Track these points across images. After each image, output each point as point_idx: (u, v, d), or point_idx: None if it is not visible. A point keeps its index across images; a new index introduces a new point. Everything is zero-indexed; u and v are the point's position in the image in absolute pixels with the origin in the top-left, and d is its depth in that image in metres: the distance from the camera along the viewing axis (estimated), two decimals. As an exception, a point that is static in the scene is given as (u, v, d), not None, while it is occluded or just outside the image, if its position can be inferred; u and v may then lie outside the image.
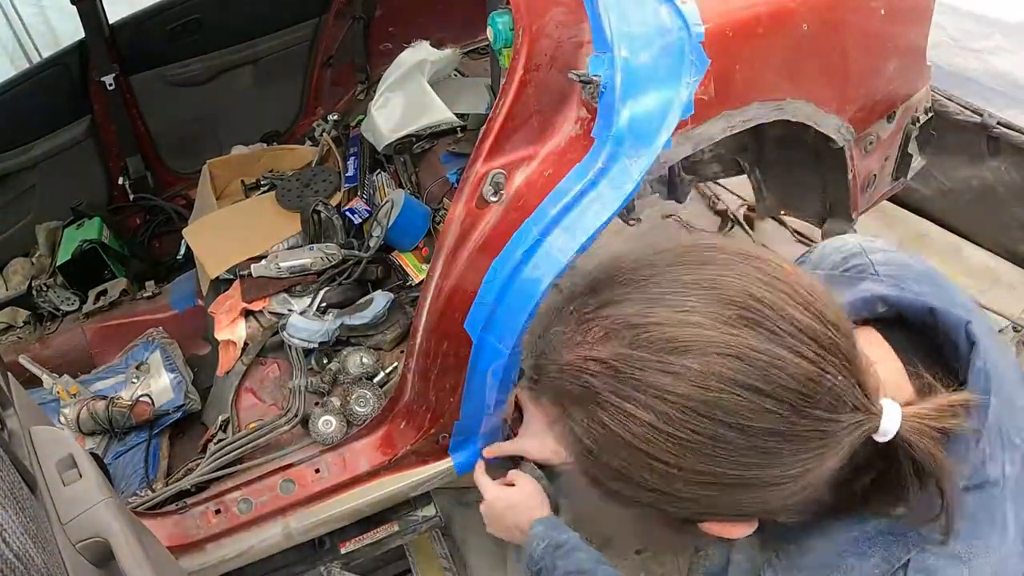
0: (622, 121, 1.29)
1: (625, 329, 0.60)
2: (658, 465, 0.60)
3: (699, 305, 0.59)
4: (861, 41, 1.61)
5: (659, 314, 0.60)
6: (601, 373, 0.60)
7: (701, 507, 0.63)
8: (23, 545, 0.65)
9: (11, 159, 2.35)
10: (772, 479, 0.60)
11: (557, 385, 0.65)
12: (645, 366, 0.58)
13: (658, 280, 0.62)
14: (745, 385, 0.57)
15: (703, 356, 0.57)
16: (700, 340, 0.58)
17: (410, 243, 1.94)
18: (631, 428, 0.59)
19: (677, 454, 0.59)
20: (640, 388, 0.58)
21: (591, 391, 0.61)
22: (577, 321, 0.64)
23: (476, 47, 2.51)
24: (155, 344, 2.09)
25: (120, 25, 2.38)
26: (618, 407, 0.59)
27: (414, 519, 1.72)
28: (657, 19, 1.33)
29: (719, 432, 0.57)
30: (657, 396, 0.58)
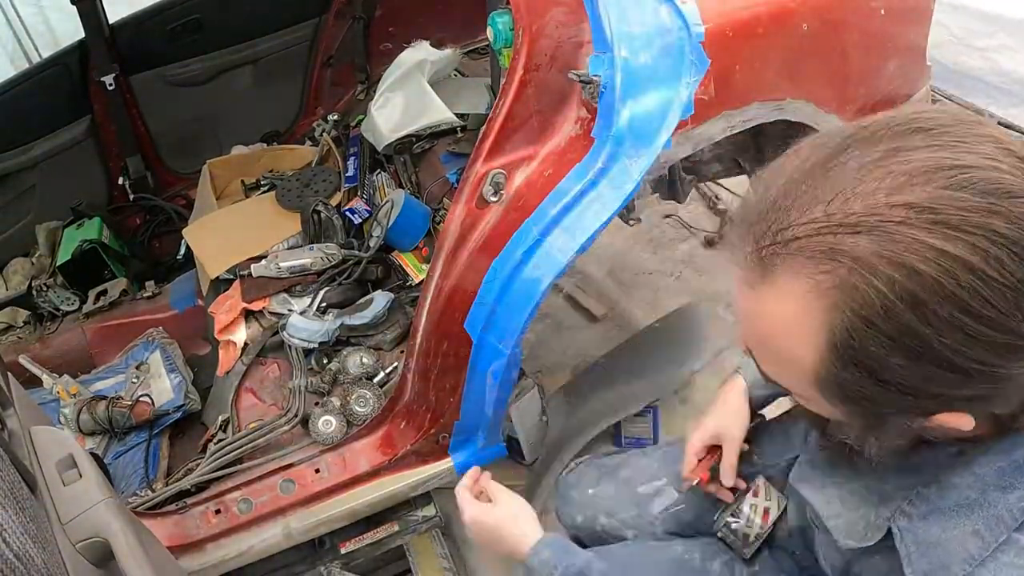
0: (622, 121, 1.29)
1: (937, 171, 0.55)
2: (970, 322, 0.54)
3: (1002, 158, 0.56)
4: (861, 41, 1.61)
5: (969, 160, 0.55)
6: (912, 219, 0.54)
7: (971, 386, 0.58)
8: (23, 545, 0.65)
9: (11, 159, 2.34)
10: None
11: (833, 243, 0.56)
12: (971, 207, 0.53)
13: (949, 133, 0.57)
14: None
15: (1020, 199, 0.53)
16: (1016, 186, 0.54)
17: (410, 243, 1.94)
18: (957, 275, 0.53)
19: (997, 306, 0.53)
20: (965, 228, 0.53)
21: (900, 238, 0.54)
22: (857, 171, 0.57)
23: (476, 47, 2.51)
24: (155, 344, 2.09)
25: (120, 25, 2.38)
26: (941, 251, 0.53)
27: (414, 519, 1.72)
28: (657, 19, 1.33)
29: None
30: (984, 237, 0.53)
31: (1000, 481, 0.67)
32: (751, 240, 0.62)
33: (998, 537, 0.65)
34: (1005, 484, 0.66)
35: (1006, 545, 0.65)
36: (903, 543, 0.72)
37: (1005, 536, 0.65)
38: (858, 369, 0.59)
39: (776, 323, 0.62)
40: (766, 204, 0.61)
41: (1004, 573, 0.65)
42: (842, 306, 0.57)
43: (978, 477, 0.68)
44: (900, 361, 0.57)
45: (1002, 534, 0.65)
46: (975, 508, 0.67)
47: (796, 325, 0.60)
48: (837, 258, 0.56)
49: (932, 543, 0.69)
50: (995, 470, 0.67)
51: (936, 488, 0.71)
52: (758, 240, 0.61)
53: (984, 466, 0.68)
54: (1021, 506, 0.65)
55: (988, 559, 0.65)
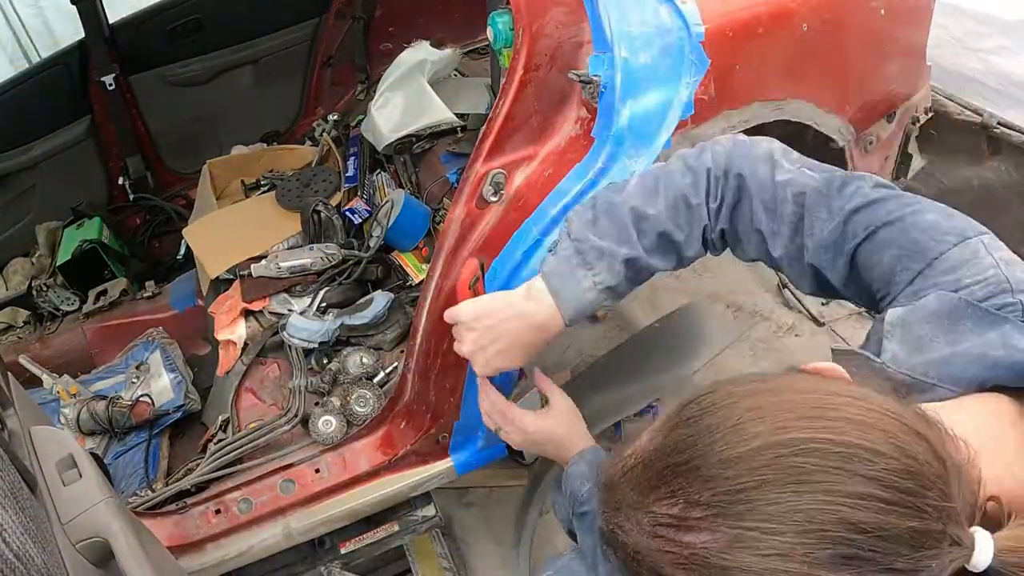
0: (622, 121, 1.29)
1: (711, 568, 0.56)
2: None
3: (789, 550, 0.54)
4: (861, 41, 1.61)
5: (744, 559, 0.55)
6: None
7: None
8: (23, 545, 0.65)
9: (11, 159, 2.35)
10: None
11: (629, 565, 0.62)
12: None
13: (744, 504, 0.56)
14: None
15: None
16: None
17: (410, 243, 1.94)
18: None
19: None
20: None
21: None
22: (652, 526, 0.59)
23: (476, 47, 2.51)
24: (155, 344, 2.09)
25: (120, 25, 2.38)
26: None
27: (414, 519, 1.72)
28: (657, 19, 1.33)
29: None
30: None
31: None
32: (600, 516, 0.66)
33: None
34: None
35: None
36: None
37: None
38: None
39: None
40: (610, 482, 0.66)
41: None
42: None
43: None
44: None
45: None
46: None
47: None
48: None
49: None
50: None
51: None
52: (601, 522, 0.66)
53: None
54: None
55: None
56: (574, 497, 1.15)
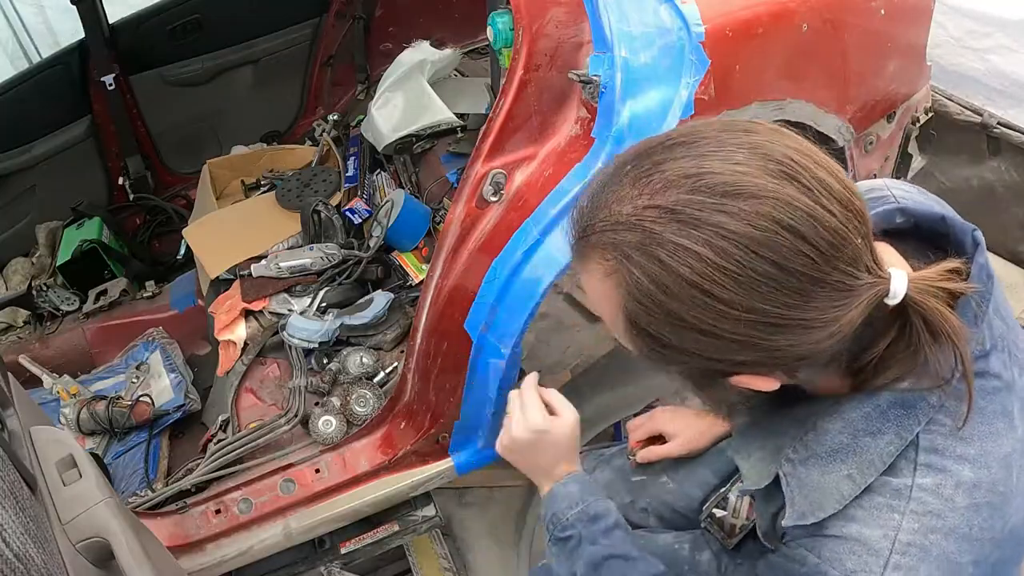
0: (622, 121, 1.29)
1: (683, 179, 0.67)
2: (710, 302, 0.65)
3: (746, 160, 0.66)
4: (861, 41, 1.61)
5: (713, 166, 0.66)
6: (661, 218, 0.66)
7: (741, 353, 0.69)
8: (23, 545, 0.65)
9: (11, 159, 2.34)
10: (806, 322, 0.66)
11: (612, 238, 0.69)
12: (704, 207, 0.65)
13: (708, 142, 0.69)
14: (789, 228, 0.63)
15: (754, 199, 0.64)
16: (751, 186, 0.64)
17: (410, 243, 1.94)
18: (691, 264, 0.65)
19: (731, 288, 0.64)
20: (699, 227, 0.64)
21: (651, 234, 0.66)
22: (632, 180, 0.70)
23: (476, 47, 2.51)
24: (155, 344, 2.09)
25: (120, 25, 2.38)
26: (678, 244, 0.65)
27: (414, 519, 1.72)
28: (657, 19, 1.33)
29: (766, 269, 0.64)
30: (715, 233, 0.64)
31: (868, 426, 0.74)
32: (572, 234, 0.76)
33: (868, 479, 0.74)
34: (873, 429, 0.74)
35: (881, 488, 0.73)
36: (788, 486, 0.79)
37: (874, 478, 0.73)
38: (646, 337, 0.72)
39: (594, 297, 0.75)
40: (583, 206, 0.75)
41: (875, 515, 0.73)
42: (620, 287, 0.70)
43: (847, 422, 0.75)
44: (668, 330, 0.69)
45: (872, 476, 0.73)
46: (848, 453, 0.75)
47: (603, 300, 0.74)
48: (613, 249, 0.70)
49: (812, 486, 0.77)
50: (862, 415, 0.75)
51: (814, 434, 0.78)
52: (575, 234, 0.76)
53: (852, 411, 0.75)
54: (890, 450, 0.73)
55: (861, 500, 0.74)
56: (556, 520, 1.10)
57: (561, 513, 1.10)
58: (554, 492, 1.12)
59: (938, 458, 0.72)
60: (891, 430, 0.73)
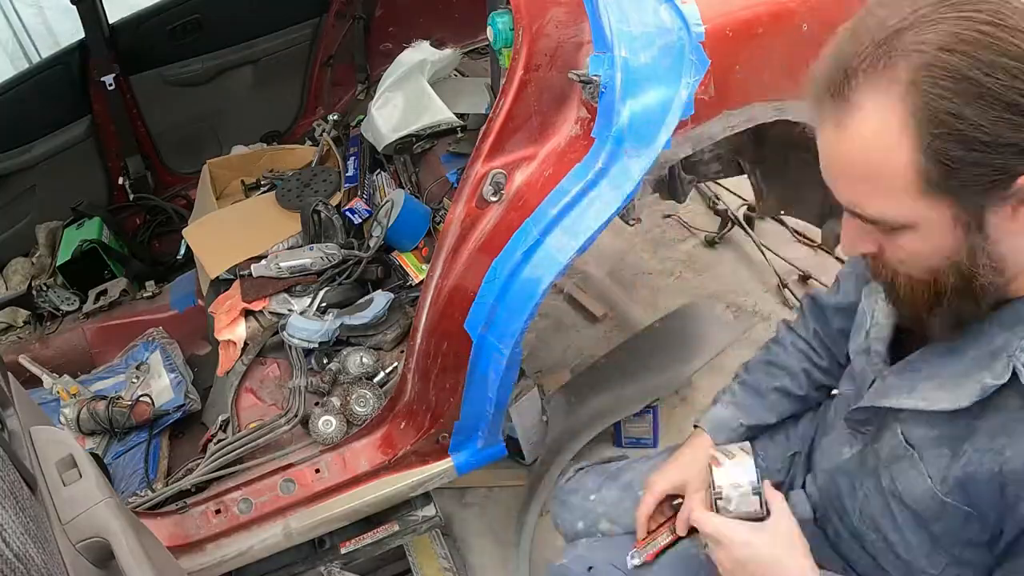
0: (622, 121, 1.29)
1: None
2: (1013, 64, 0.65)
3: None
4: (861, 41, 1.61)
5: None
6: (939, 9, 0.68)
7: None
8: (23, 545, 0.65)
9: (11, 159, 2.35)
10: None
11: (891, 48, 0.69)
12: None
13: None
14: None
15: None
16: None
17: (410, 243, 1.94)
18: (987, 32, 0.65)
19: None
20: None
21: (939, 25, 0.67)
22: (882, 4, 0.72)
23: (476, 47, 2.51)
24: (155, 344, 2.09)
25: (120, 25, 2.38)
26: (966, 17, 0.66)
27: (414, 519, 1.72)
28: (657, 19, 1.33)
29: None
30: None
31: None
32: (827, 90, 0.75)
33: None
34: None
35: None
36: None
37: None
38: (947, 139, 0.67)
39: (867, 145, 0.71)
40: (829, 58, 0.75)
41: None
42: (919, 83, 0.67)
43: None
44: (978, 114, 0.66)
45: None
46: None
47: (884, 134, 0.70)
48: (901, 55, 0.68)
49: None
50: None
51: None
52: (831, 86, 0.74)
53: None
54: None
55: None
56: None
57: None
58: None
59: None
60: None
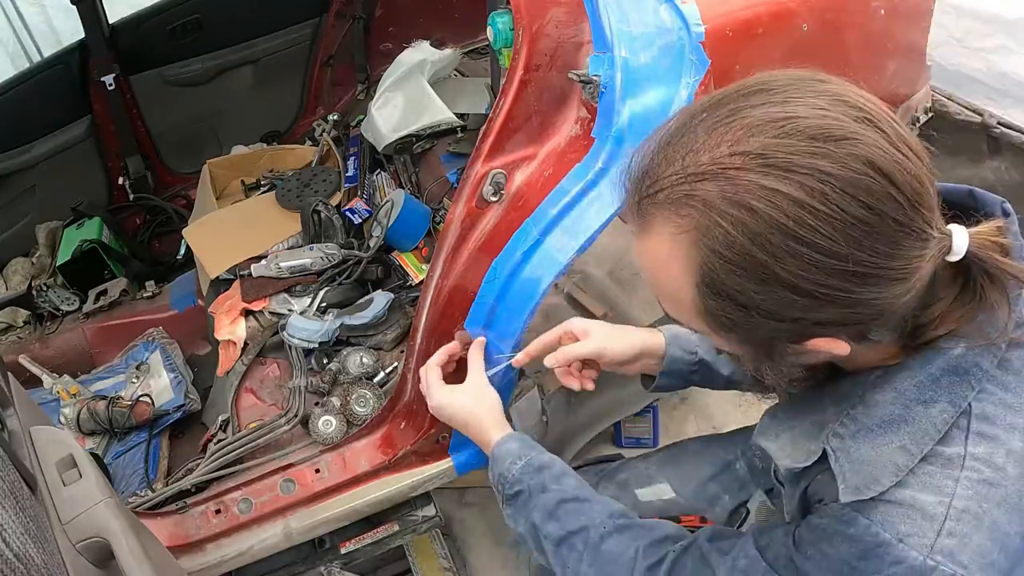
0: (622, 121, 1.29)
1: (768, 124, 0.65)
2: (804, 250, 0.63)
3: (830, 107, 0.65)
4: (861, 41, 1.61)
5: (798, 111, 0.65)
6: (747, 165, 0.64)
7: (824, 310, 0.66)
8: (23, 545, 0.65)
9: (11, 159, 2.35)
10: (892, 271, 0.65)
11: (688, 191, 0.66)
12: (794, 151, 0.63)
13: (785, 91, 0.68)
14: (880, 170, 0.62)
15: (846, 141, 0.63)
16: (840, 129, 0.63)
17: (410, 243, 1.94)
18: (785, 209, 0.62)
19: (826, 234, 0.62)
20: (792, 170, 0.62)
21: (737, 182, 0.64)
22: (707, 129, 0.67)
23: (476, 47, 2.51)
24: (155, 344, 2.09)
25: (120, 25, 2.38)
26: (771, 188, 0.63)
27: (414, 519, 1.72)
28: (657, 19, 1.33)
29: (861, 213, 0.62)
30: (809, 175, 0.62)
31: (920, 395, 0.72)
32: (634, 196, 0.73)
33: (923, 449, 0.71)
34: (925, 398, 0.72)
35: (933, 457, 0.71)
36: (837, 462, 0.75)
37: (929, 447, 0.71)
38: (723, 298, 0.68)
39: (658, 265, 0.72)
40: (642, 165, 0.72)
41: (928, 481, 0.70)
42: (699, 243, 0.67)
43: (899, 393, 0.73)
44: (753, 287, 0.66)
45: (926, 446, 0.71)
46: (900, 424, 0.72)
47: (671, 264, 0.70)
48: (691, 203, 0.66)
49: (863, 460, 0.74)
50: (914, 385, 0.73)
51: (862, 407, 0.76)
52: (637, 195, 0.72)
53: (903, 381, 0.73)
54: (943, 418, 0.71)
55: (914, 469, 0.71)
56: (503, 479, 1.11)
57: (506, 471, 1.11)
58: (494, 454, 1.15)
59: (989, 426, 0.71)
60: (944, 398, 0.71)
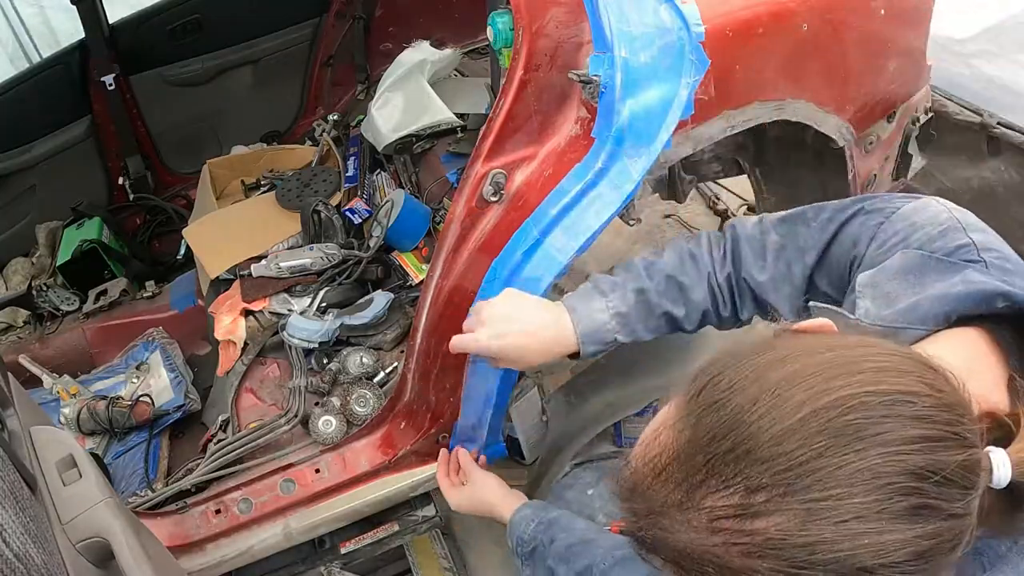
0: (622, 121, 1.29)
1: (783, 548, 0.54)
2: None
3: (864, 509, 0.53)
4: (861, 41, 1.61)
5: (824, 531, 0.53)
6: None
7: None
8: (23, 545, 0.65)
9: (11, 159, 2.35)
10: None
11: (682, 565, 0.60)
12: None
13: (808, 479, 0.54)
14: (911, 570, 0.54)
15: (876, 559, 0.53)
16: (870, 551, 0.53)
17: (410, 243, 1.94)
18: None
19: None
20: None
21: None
22: (709, 520, 0.57)
23: (476, 47, 2.51)
24: (155, 344, 2.09)
25: (120, 25, 2.38)
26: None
27: (414, 519, 1.72)
28: (657, 19, 1.33)
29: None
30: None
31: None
32: (629, 514, 0.64)
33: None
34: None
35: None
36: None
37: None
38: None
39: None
40: (641, 485, 0.63)
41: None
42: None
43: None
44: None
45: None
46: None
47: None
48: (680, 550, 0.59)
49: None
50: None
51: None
52: (636, 523, 0.63)
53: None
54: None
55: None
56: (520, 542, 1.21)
57: (522, 533, 1.21)
58: (511, 523, 1.27)
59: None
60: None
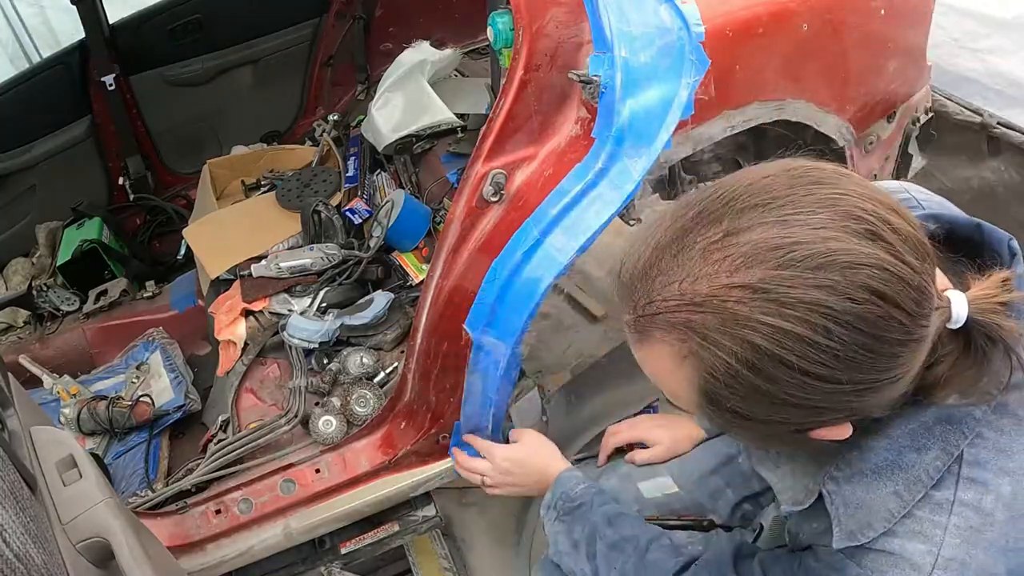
0: (622, 121, 1.29)
1: (767, 252, 0.62)
2: (807, 380, 0.62)
3: (830, 221, 0.62)
4: (861, 41, 1.61)
5: (797, 234, 0.61)
6: (748, 298, 0.62)
7: (826, 415, 0.67)
8: (23, 545, 0.65)
9: (11, 159, 2.35)
10: (894, 377, 0.64)
11: (688, 319, 0.65)
12: (795, 283, 0.60)
13: (781, 203, 0.64)
14: (882, 295, 0.60)
15: (849, 269, 0.60)
16: (843, 254, 0.60)
17: (410, 243, 1.94)
18: (789, 346, 0.61)
19: (830, 365, 0.61)
20: (795, 306, 0.61)
21: (739, 317, 0.62)
22: (702, 252, 0.65)
23: (476, 47, 2.51)
24: (155, 344, 2.09)
25: (120, 25, 2.38)
26: (774, 326, 0.61)
27: (414, 519, 1.72)
28: (657, 19, 1.33)
29: (864, 341, 0.61)
30: (811, 310, 0.60)
31: (913, 443, 0.73)
32: (629, 307, 0.71)
33: (915, 496, 0.72)
34: (918, 446, 0.72)
35: (923, 502, 0.72)
36: (832, 505, 0.77)
37: (922, 494, 0.72)
38: (726, 412, 0.69)
39: (658, 374, 0.72)
40: (636, 274, 0.70)
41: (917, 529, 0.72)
42: (699, 369, 0.66)
43: (892, 439, 0.73)
44: (755, 408, 0.66)
45: (919, 492, 0.72)
46: (894, 470, 0.73)
47: (671, 378, 0.70)
48: (689, 332, 0.65)
49: (857, 504, 0.75)
50: (907, 432, 0.73)
51: (858, 452, 0.76)
52: (633, 309, 0.70)
53: (896, 428, 0.73)
54: (936, 465, 0.71)
55: (906, 516, 0.72)
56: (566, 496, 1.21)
57: (571, 489, 1.21)
58: (560, 477, 1.25)
59: (980, 471, 0.71)
60: (936, 446, 0.72)
